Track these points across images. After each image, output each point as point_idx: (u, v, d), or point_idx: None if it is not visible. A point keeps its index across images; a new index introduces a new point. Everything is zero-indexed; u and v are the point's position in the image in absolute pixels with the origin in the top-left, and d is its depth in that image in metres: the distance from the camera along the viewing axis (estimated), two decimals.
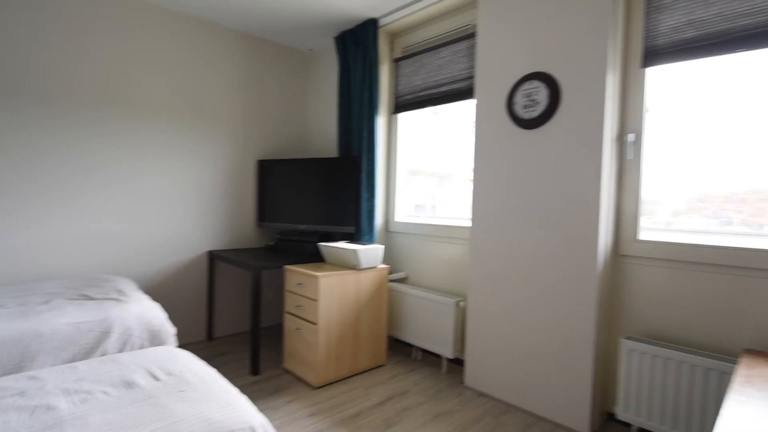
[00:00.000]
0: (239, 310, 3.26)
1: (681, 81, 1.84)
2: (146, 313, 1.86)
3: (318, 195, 2.98)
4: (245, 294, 3.29)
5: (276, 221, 3.15)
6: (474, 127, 2.34)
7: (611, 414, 2.01)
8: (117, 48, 2.58)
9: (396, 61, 3.02)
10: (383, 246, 2.68)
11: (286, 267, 2.52)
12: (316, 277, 2.27)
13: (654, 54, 1.83)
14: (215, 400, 1.12)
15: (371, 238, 2.85)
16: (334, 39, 3.10)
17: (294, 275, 2.46)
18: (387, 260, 3.08)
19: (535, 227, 2.06)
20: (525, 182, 2.11)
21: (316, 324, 2.28)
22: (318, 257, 2.79)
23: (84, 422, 1.02)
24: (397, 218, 3.04)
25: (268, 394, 2.22)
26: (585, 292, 1.89)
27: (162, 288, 2.84)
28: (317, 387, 2.31)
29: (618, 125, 1.93)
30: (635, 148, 1.92)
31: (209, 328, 3.06)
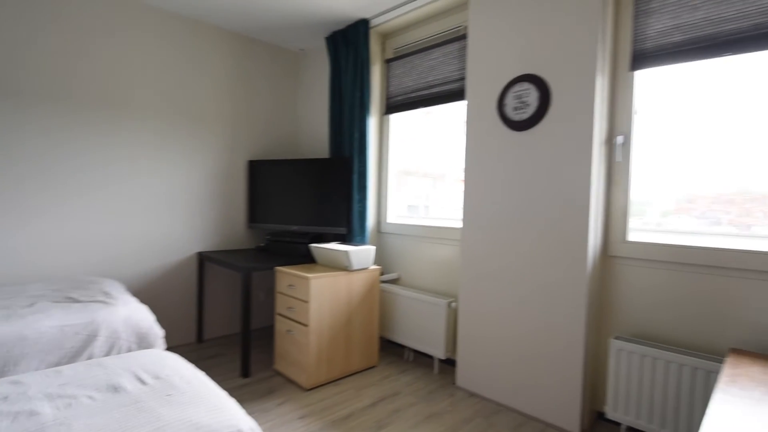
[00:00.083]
0: (229, 312, 3.23)
1: (669, 84, 1.86)
2: (134, 316, 1.83)
3: (309, 196, 2.96)
4: (235, 296, 3.26)
5: (267, 222, 3.13)
6: (465, 129, 2.34)
7: (601, 413, 2.03)
8: (105, 48, 2.54)
9: (387, 62, 3.02)
10: (375, 247, 2.68)
11: (277, 268, 2.50)
12: (307, 279, 2.25)
13: (642, 57, 1.85)
14: (203, 404, 1.11)
15: (363, 239, 2.84)
16: (325, 39, 3.08)
17: (285, 276, 2.44)
18: (379, 261, 3.07)
19: (526, 229, 2.08)
20: (515, 184, 2.12)
21: (307, 325, 2.26)
22: (309, 258, 2.78)
23: (68, 428, 1.00)
24: (389, 219, 3.04)
25: (259, 397, 2.20)
26: (575, 293, 1.90)
27: (151, 290, 2.80)
28: (308, 389, 2.29)
29: (607, 127, 1.95)
30: (624, 150, 1.94)
31: (199, 331, 3.03)
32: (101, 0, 2.52)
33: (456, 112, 2.77)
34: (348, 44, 2.92)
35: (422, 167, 3.28)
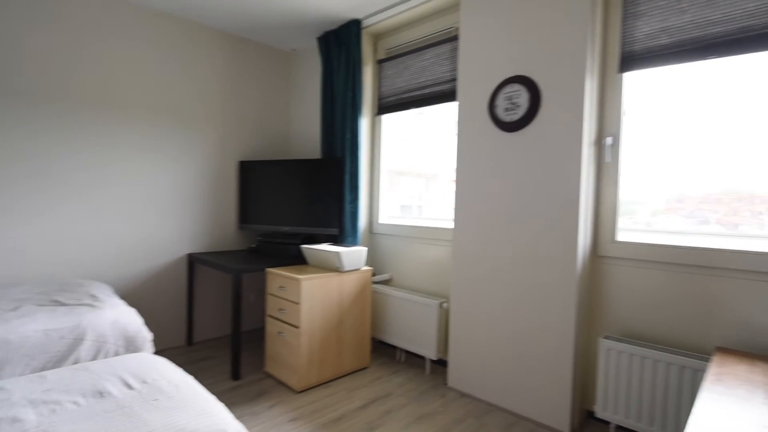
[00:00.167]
0: (220, 314, 3.20)
1: (658, 85, 1.88)
2: (121, 319, 1.81)
3: (301, 197, 2.95)
4: (226, 297, 3.23)
5: (258, 223, 3.11)
6: (456, 130, 2.35)
7: (591, 412, 2.04)
8: (92, 48, 2.51)
9: (379, 63, 3.01)
10: (366, 248, 2.68)
11: (268, 270, 2.49)
12: (298, 280, 2.24)
13: (631, 59, 1.87)
14: (190, 409, 1.09)
15: (355, 240, 2.84)
16: (317, 39, 3.07)
17: (276, 278, 2.43)
18: (371, 262, 3.07)
19: (516, 230, 2.09)
20: (506, 184, 2.12)
21: (298, 327, 2.25)
22: (300, 260, 2.76)
23: None
24: (381, 220, 3.04)
25: (250, 399, 2.18)
26: (565, 293, 1.92)
27: (140, 292, 2.77)
28: (299, 391, 2.28)
29: (596, 129, 1.97)
30: (613, 151, 1.96)
31: (189, 333, 3.00)
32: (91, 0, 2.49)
33: (448, 112, 2.78)
34: (340, 44, 2.91)
35: (415, 167, 3.28)
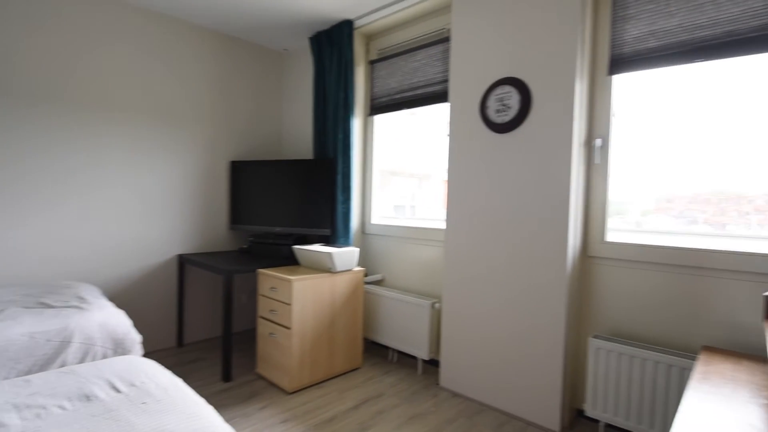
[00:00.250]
0: (211, 315, 3.17)
1: (647, 87, 1.91)
2: (109, 321, 1.78)
3: (293, 197, 2.93)
4: (217, 299, 3.21)
5: (249, 224, 3.09)
6: (448, 131, 2.36)
7: (581, 411, 2.06)
8: (80, 48, 2.47)
9: (371, 63, 3.01)
10: (358, 249, 2.67)
11: (260, 270, 2.47)
12: (290, 281, 2.23)
13: (620, 62, 1.89)
14: (179, 412, 1.08)
15: (347, 241, 2.83)
16: (309, 39, 3.06)
17: (267, 279, 2.42)
18: (363, 262, 3.06)
19: (507, 230, 2.10)
20: (497, 186, 2.14)
21: (290, 328, 2.24)
22: (292, 260, 2.75)
23: None
24: (374, 220, 3.03)
25: (241, 401, 2.17)
26: (555, 293, 1.93)
27: (129, 294, 2.74)
28: (291, 392, 2.27)
29: (586, 130, 1.99)
30: (602, 153, 1.98)
31: (179, 335, 2.97)
32: None
33: (442, 112, 2.78)
34: (332, 45, 2.90)
35: (408, 167, 3.28)
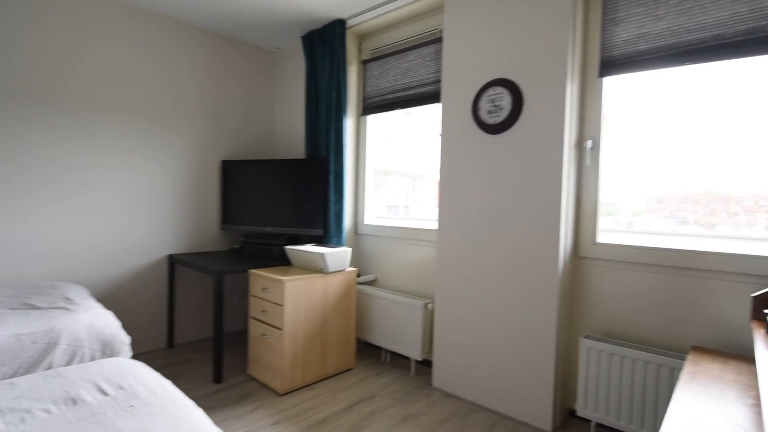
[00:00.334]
0: (202, 316, 3.14)
1: (637, 89, 1.93)
2: (97, 322, 1.76)
3: (285, 197, 2.92)
4: (208, 299, 3.18)
5: (241, 224, 3.07)
6: (440, 131, 2.36)
7: (572, 411, 2.07)
8: (66, 44, 2.43)
9: (364, 63, 3.01)
10: (351, 249, 2.66)
11: (251, 271, 2.45)
12: (282, 282, 2.22)
13: (610, 64, 1.91)
14: (167, 415, 1.07)
15: (339, 241, 2.82)
16: (301, 38, 3.05)
17: (259, 279, 2.40)
18: (356, 263, 3.06)
19: (500, 231, 2.10)
20: (489, 186, 2.14)
21: (282, 329, 2.23)
22: (284, 261, 2.73)
23: None
24: (367, 220, 3.03)
25: (232, 403, 2.15)
26: (547, 294, 1.94)
27: (118, 295, 2.70)
28: (283, 393, 2.26)
29: (577, 132, 2.00)
30: (593, 154, 2.00)
31: (170, 336, 2.94)
32: None
33: (436, 112, 2.78)
34: (324, 44, 2.89)
35: (402, 167, 3.28)
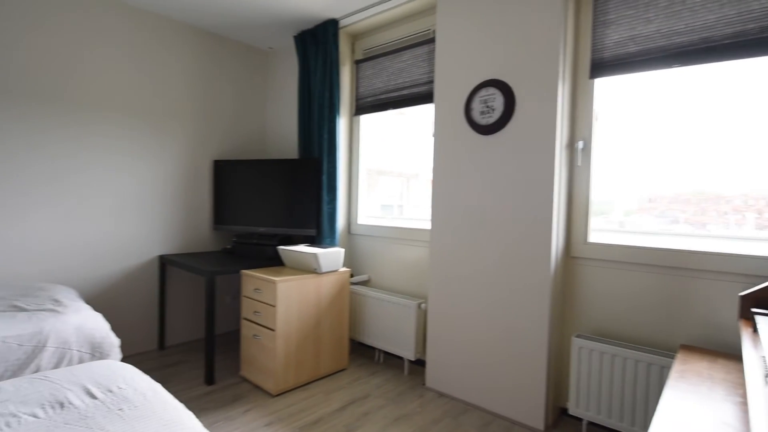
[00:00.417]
0: (193, 317, 3.12)
1: (629, 90, 1.95)
2: (86, 324, 1.73)
3: (278, 197, 2.90)
4: (200, 300, 3.15)
5: (233, 224, 3.04)
6: (433, 132, 2.36)
7: (564, 409, 2.09)
8: (56, 41, 2.39)
9: (357, 63, 3.00)
10: (344, 249, 2.66)
11: (243, 272, 2.44)
12: (274, 282, 2.21)
13: (601, 66, 1.93)
14: (157, 418, 1.06)
15: (333, 241, 2.81)
16: (294, 38, 3.03)
17: (251, 280, 2.38)
18: (349, 263, 3.05)
19: (492, 231, 2.11)
20: (482, 187, 2.15)
21: (274, 330, 2.22)
22: (277, 261, 2.72)
23: None
24: (360, 220, 3.02)
25: (224, 405, 2.14)
26: (539, 294, 1.95)
27: (108, 296, 2.66)
28: (276, 395, 2.24)
29: (568, 133, 2.01)
30: (584, 155, 2.01)
31: (161, 337, 2.91)
32: None
33: (430, 112, 2.78)
34: (317, 44, 2.88)
35: (396, 167, 3.28)
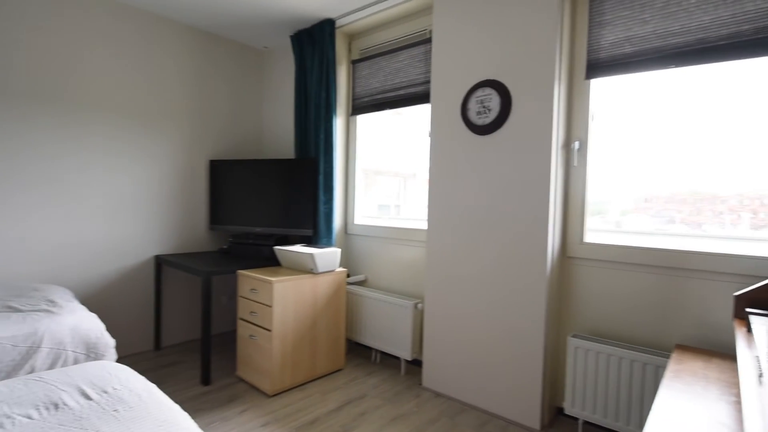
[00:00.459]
0: (189, 318, 3.11)
1: (625, 91, 1.96)
2: (81, 325, 1.72)
3: (274, 197, 2.90)
4: (196, 300, 3.14)
5: (229, 224, 3.04)
6: (430, 132, 2.36)
7: (560, 409, 2.10)
8: (51, 39, 2.38)
9: (354, 63, 3.00)
10: (340, 249, 2.66)
11: (239, 272, 2.43)
12: (271, 282, 2.20)
13: (597, 67, 1.93)
14: (152, 419, 1.05)
15: (329, 241, 2.81)
16: (290, 38, 3.02)
17: (247, 280, 2.38)
18: (346, 263, 3.05)
19: (489, 231, 2.12)
20: (478, 187, 2.15)
21: (271, 330, 2.21)
22: (274, 261, 2.71)
23: None
24: (357, 221, 3.02)
25: (220, 405, 2.13)
26: (535, 294, 1.96)
27: (103, 296, 2.65)
28: (272, 395, 2.24)
29: (564, 133, 2.02)
30: (580, 155, 2.02)
31: (157, 337, 2.90)
32: None
33: (426, 112, 2.78)
34: (314, 44, 2.88)
35: (393, 166, 3.28)
